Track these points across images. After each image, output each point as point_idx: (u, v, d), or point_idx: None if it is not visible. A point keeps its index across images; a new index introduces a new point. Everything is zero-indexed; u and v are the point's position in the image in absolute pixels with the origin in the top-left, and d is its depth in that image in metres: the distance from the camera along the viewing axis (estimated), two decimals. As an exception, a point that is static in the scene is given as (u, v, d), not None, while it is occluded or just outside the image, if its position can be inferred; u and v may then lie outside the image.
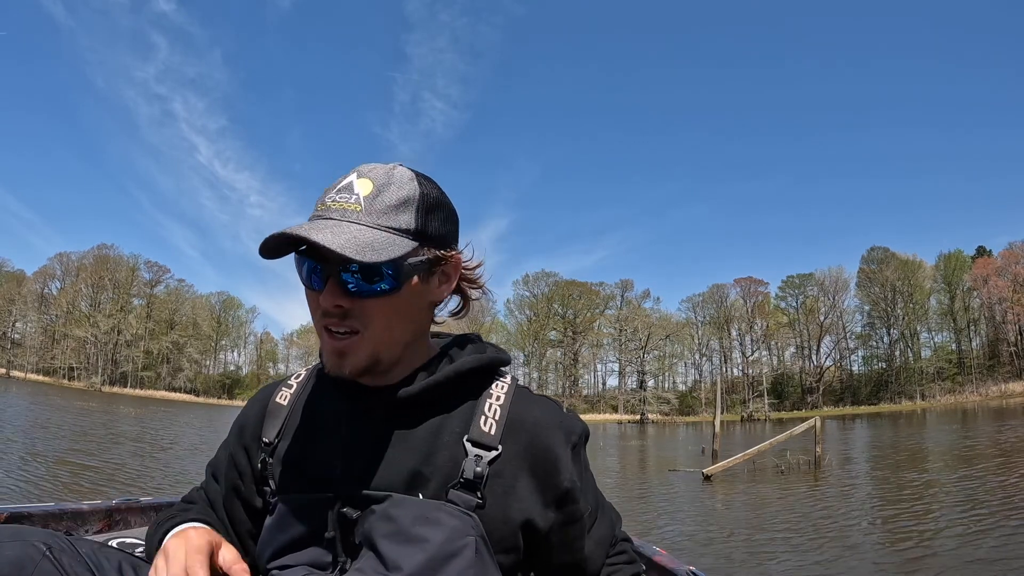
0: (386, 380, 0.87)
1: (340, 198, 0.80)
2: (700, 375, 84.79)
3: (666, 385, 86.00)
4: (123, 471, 12.44)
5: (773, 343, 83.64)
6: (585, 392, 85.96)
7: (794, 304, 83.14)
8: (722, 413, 31.68)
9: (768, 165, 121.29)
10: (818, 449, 17.30)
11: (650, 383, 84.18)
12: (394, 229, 0.80)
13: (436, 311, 0.92)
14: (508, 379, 0.94)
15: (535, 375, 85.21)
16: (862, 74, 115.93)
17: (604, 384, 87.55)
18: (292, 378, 1.02)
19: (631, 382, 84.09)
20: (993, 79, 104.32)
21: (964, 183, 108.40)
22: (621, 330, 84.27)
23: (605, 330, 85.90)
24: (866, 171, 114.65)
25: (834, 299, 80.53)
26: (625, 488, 14.72)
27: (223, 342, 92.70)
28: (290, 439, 0.92)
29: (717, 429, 21.45)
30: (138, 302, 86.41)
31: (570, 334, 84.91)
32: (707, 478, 14.98)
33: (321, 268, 0.80)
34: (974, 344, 75.27)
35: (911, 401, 71.15)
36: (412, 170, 0.86)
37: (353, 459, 0.85)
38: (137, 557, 0.86)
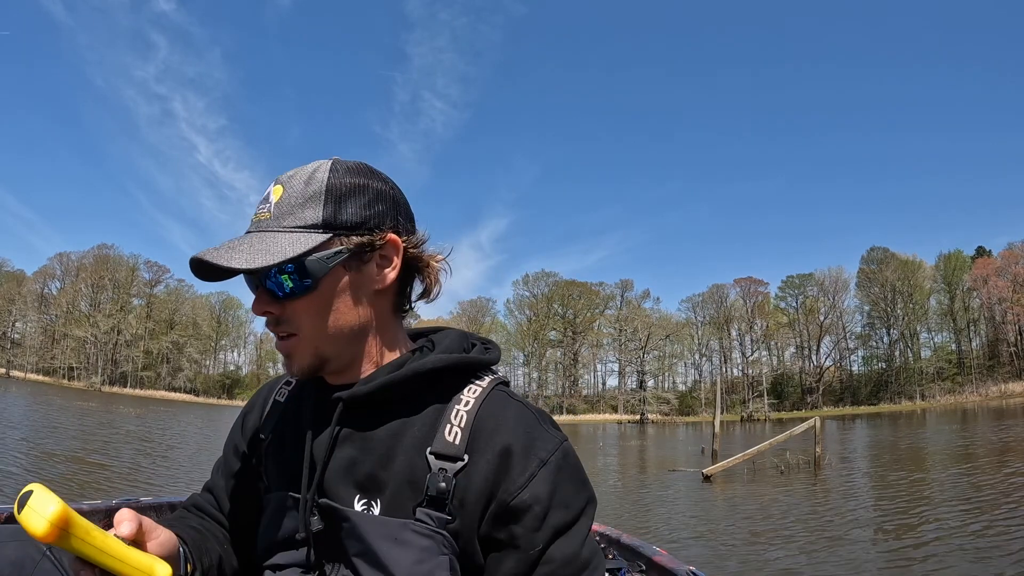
0: (350, 377, 0.85)
1: (259, 210, 0.81)
2: (700, 375, 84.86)
3: (666, 385, 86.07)
4: (139, 471, 12.56)
5: (773, 343, 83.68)
6: (585, 392, 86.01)
7: (794, 304, 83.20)
8: (722, 413, 31.67)
9: (768, 165, 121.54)
10: (818, 449, 17.30)
11: (650, 383, 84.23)
12: (298, 227, 0.78)
13: (404, 297, 0.89)
14: (486, 381, 0.85)
15: (535, 375, 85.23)
16: (862, 75, 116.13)
17: (604, 384, 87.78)
18: None
19: (631, 382, 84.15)
20: (993, 80, 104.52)
21: (964, 183, 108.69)
22: (621, 330, 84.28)
23: (605, 330, 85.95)
24: (866, 171, 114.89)
25: (834, 299, 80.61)
26: (625, 488, 14.73)
27: (223, 342, 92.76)
28: (276, 437, 0.92)
29: (717, 429, 21.45)
30: (138, 302, 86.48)
31: (570, 334, 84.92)
32: (707, 478, 14.98)
33: (250, 279, 0.81)
34: (974, 344, 75.33)
35: (911, 401, 71.15)
36: (337, 161, 0.83)
37: (315, 459, 0.83)
38: None
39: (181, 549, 0.81)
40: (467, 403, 0.82)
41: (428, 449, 0.79)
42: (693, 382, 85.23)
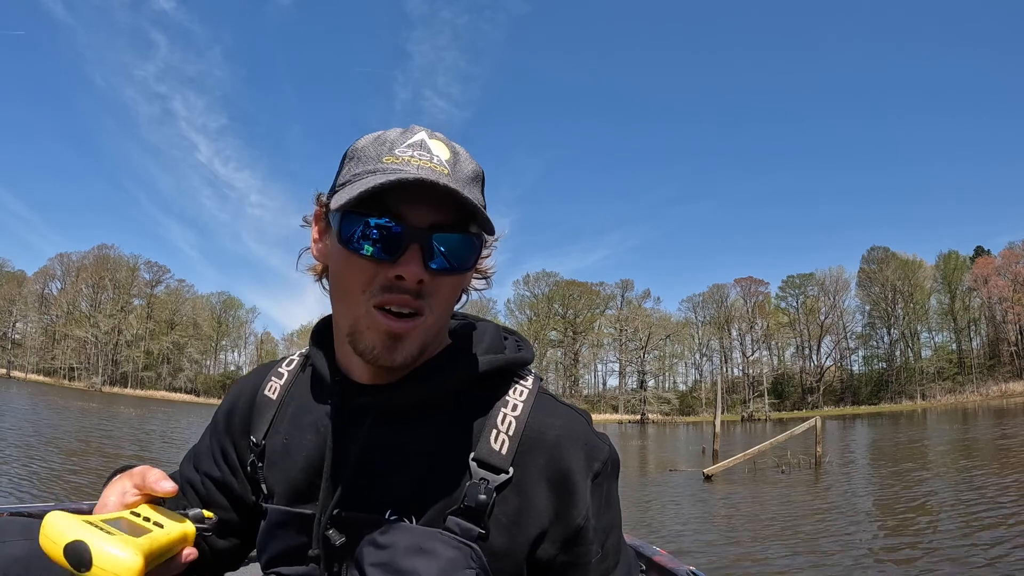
0: (388, 377, 0.75)
1: (420, 156, 0.69)
2: (700, 375, 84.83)
3: (666, 385, 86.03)
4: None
5: (773, 343, 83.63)
6: (585, 392, 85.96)
7: (794, 304, 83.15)
8: (722, 413, 31.67)
9: (768, 165, 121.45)
10: (818, 449, 17.31)
11: (650, 383, 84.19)
12: (476, 202, 0.69)
13: None
14: (530, 382, 0.79)
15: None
16: (863, 76, 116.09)
17: (604, 384, 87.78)
18: (283, 364, 0.91)
19: (631, 382, 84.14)
20: (993, 80, 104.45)
21: (964, 183, 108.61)
22: (621, 330, 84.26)
23: (605, 330, 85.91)
24: (866, 171, 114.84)
25: (834, 299, 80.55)
26: (626, 488, 14.71)
27: (223, 342, 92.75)
28: (278, 441, 0.82)
29: (717, 429, 21.46)
30: (138, 302, 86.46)
31: (570, 334, 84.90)
32: (707, 478, 14.98)
33: (401, 232, 0.67)
34: (974, 344, 75.31)
35: (911, 401, 71.11)
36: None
37: (339, 471, 0.74)
38: None
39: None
40: (515, 407, 0.75)
41: (471, 454, 0.72)
42: (693, 382, 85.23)
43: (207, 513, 0.74)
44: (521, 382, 0.78)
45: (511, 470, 0.71)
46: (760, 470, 16.38)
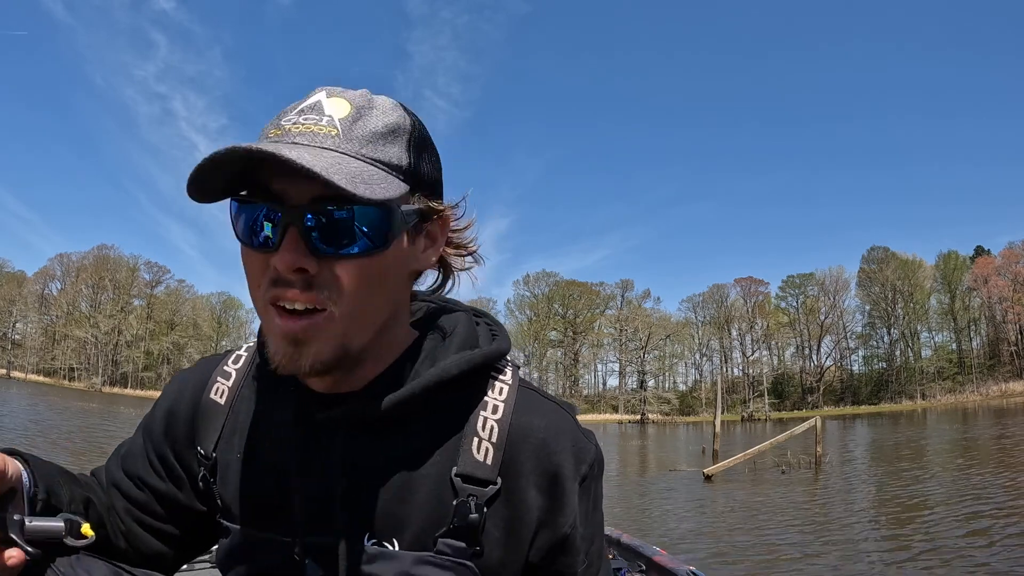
0: (348, 384, 0.66)
1: (306, 120, 0.59)
2: (700, 375, 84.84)
3: (666, 385, 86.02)
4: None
5: (773, 343, 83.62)
6: (585, 392, 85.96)
7: (794, 304, 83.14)
8: (722, 413, 31.68)
9: (768, 165, 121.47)
10: (819, 449, 17.30)
11: (650, 383, 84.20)
12: (382, 163, 0.59)
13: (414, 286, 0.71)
14: (508, 376, 0.71)
15: (536, 375, 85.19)
16: (863, 76, 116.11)
17: (604, 384, 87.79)
18: (229, 361, 0.79)
19: (631, 382, 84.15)
20: (994, 80, 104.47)
21: (964, 183, 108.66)
22: (621, 330, 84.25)
23: (605, 330, 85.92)
24: (866, 171, 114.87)
25: (834, 299, 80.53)
26: (626, 488, 14.72)
27: (223, 342, 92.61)
28: (233, 456, 0.72)
29: (717, 429, 21.47)
30: (138, 302, 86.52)
31: (570, 334, 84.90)
32: (708, 478, 14.99)
33: (279, 216, 0.57)
34: (974, 344, 75.35)
35: (911, 401, 71.11)
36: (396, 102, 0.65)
37: (311, 492, 0.66)
38: (120, 567, 0.69)
39: (24, 471, 0.63)
40: (495, 408, 0.67)
41: (454, 470, 0.65)
42: (693, 382, 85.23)
43: (86, 529, 0.64)
44: (500, 377, 0.70)
45: (499, 480, 0.65)
46: (760, 470, 16.39)
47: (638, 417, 75.72)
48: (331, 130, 0.57)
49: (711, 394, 76.13)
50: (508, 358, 0.73)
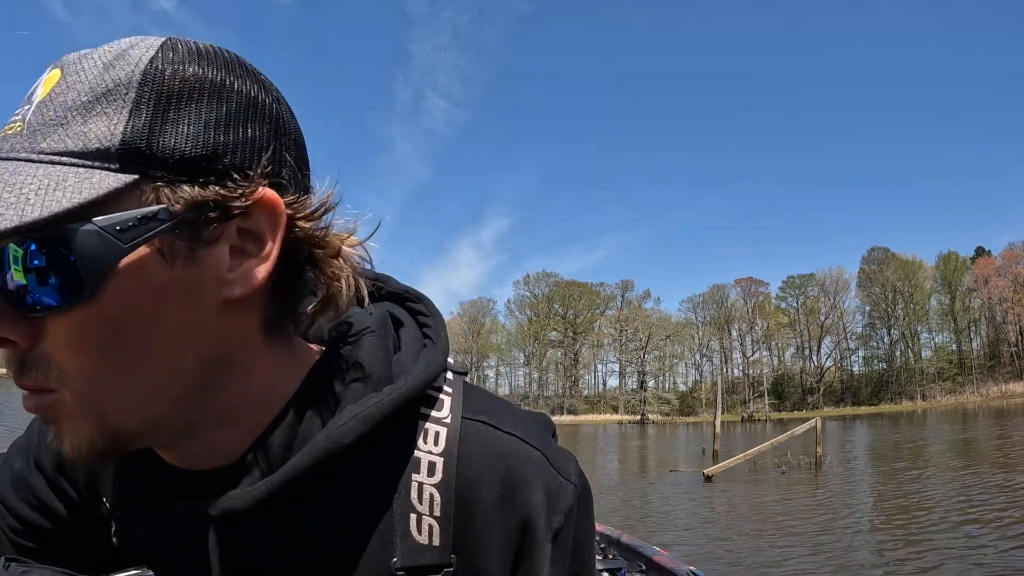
0: (215, 454, 0.45)
1: (13, 118, 0.39)
2: (700, 375, 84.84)
3: (666, 385, 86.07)
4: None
5: (773, 343, 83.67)
6: (585, 392, 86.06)
7: (794, 304, 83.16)
8: (722, 413, 31.69)
9: (768, 165, 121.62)
10: (819, 449, 17.33)
11: (650, 383, 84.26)
12: (69, 155, 0.36)
13: (287, 303, 0.45)
14: (446, 408, 0.49)
15: (535, 375, 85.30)
16: (863, 76, 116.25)
17: (604, 384, 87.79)
18: None
19: (631, 382, 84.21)
20: (994, 80, 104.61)
21: (965, 183, 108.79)
22: (621, 330, 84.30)
23: (605, 330, 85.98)
24: (866, 171, 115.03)
25: (834, 299, 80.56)
26: (626, 489, 14.75)
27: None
28: (134, 526, 0.52)
29: (717, 429, 21.50)
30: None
31: (570, 334, 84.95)
32: (708, 478, 15.01)
33: None
34: (974, 344, 75.41)
35: (912, 401, 71.18)
36: (174, 40, 0.41)
37: None
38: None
39: None
40: (431, 468, 0.47)
41: (394, 561, 0.46)
42: (694, 382, 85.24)
43: None
44: (433, 415, 0.49)
45: (452, 559, 0.47)
46: (760, 470, 16.41)
47: (638, 417, 75.78)
48: (18, 127, 0.38)
49: (711, 394, 76.16)
50: (447, 368, 0.51)
